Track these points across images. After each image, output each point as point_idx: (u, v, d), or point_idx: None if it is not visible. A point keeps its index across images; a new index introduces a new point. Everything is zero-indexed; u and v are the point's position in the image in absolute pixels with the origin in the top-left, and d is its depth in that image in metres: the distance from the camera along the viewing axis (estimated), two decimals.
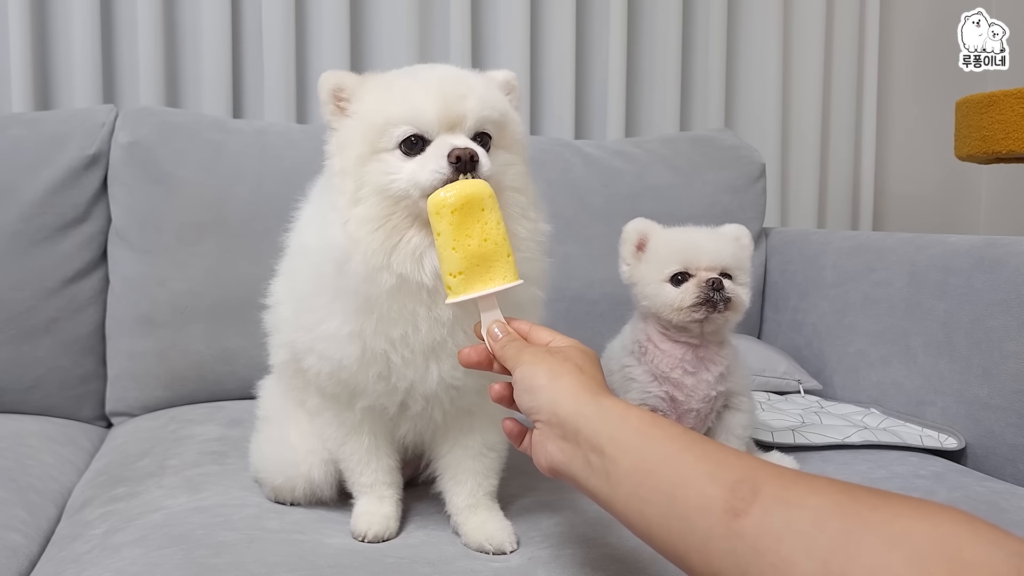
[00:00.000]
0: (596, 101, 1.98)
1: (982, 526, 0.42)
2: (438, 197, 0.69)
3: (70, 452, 1.20)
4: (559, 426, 0.62)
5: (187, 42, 1.72)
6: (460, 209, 0.69)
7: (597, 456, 0.58)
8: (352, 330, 0.76)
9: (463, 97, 0.74)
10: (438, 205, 0.69)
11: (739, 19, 2.08)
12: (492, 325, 0.71)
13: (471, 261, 0.69)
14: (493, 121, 0.76)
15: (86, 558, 0.78)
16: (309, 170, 0.86)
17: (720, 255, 0.95)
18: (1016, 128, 1.49)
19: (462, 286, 0.70)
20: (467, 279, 0.70)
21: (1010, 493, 0.98)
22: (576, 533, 0.83)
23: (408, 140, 0.73)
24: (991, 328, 1.14)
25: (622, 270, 1.00)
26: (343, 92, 0.78)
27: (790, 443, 1.11)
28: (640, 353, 0.99)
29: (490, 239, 0.70)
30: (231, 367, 1.36)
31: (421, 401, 0.79)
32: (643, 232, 0.99)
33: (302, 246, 0.83)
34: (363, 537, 0.81)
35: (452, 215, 0.69)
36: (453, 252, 0.69)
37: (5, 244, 1.30)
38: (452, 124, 0.74)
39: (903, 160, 2.31)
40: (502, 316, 0.71)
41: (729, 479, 0.50)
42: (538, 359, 0.66)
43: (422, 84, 0.75)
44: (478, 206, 0.69)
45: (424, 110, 0.73)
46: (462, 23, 1.79)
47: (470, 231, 0.69)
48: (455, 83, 0.76)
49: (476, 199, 0.69)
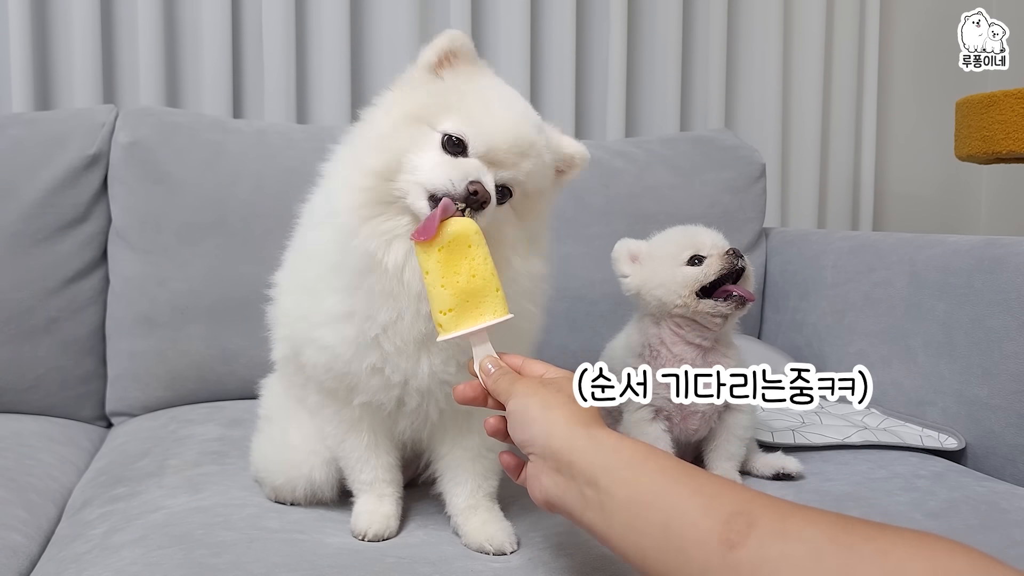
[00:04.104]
0: (596, 101, 1.98)
1: (979, 558, 0.42)
2: (422, 242, 0.69)
3: (70, 452, 1.20)
4: (553, 458, 0.61)
5: (187, 42, 1.72)
6: (447, 247, 0.69)
7: (592, 489, 0.58)
8: (345, 309, 0.76)
9: (523, 154, 0.74)
10: (425, 247, 0.69)
11: (739, 19, 2.08)
12: (484, 360, 0.71)
13: (460, 298, 0.70)
14: (525, 191, 0.76)
15: (86, 558, 0.78)
16: (309, 170, 0.85)
17: (720, 238, 0.97)
18: (1016, 128, 1.49)
19: (452, 323, 0.70)
20: (457, 316, 0.70)
21: (1010, 493, 0.98)
22: (576, 534, 0.82)
23: (453, 139, 0.73)
24: (991, 328, 1.14)
25: (624, 284, 0.99)
26: (455, 58, 0.77)
27: (790, 443, 1.11)
28: (649, 356, 0.98)
29: (478, 275, 0.70)
30: (231, 367, 1.36)
31: (416, 396, 0.79)
32: (632, 249, 0.99)
33: (312, 219, 0.83)
34: (363, 536, 0.81)
35: (439, 252, 0.69)
36: (442, 289, 0.69)
37: (5, 244, 1.30)
38: (493, 161, 0.73)
39: (903, 160, 2.31)
40: (494, 351, 0.71)
41: (724, 511, 0.51)
42: (531, 391, 0.65)
43: (508, 112, 0.75)
44: (464, 243, 0.69)
45: (488, 132, 0.72)
46: (462, 23, 1.79)
47: (458, 268, 0.69)
48: (529, 137, 0.75)
49: (463, 236, 0.69)
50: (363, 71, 1.81)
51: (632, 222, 1.51)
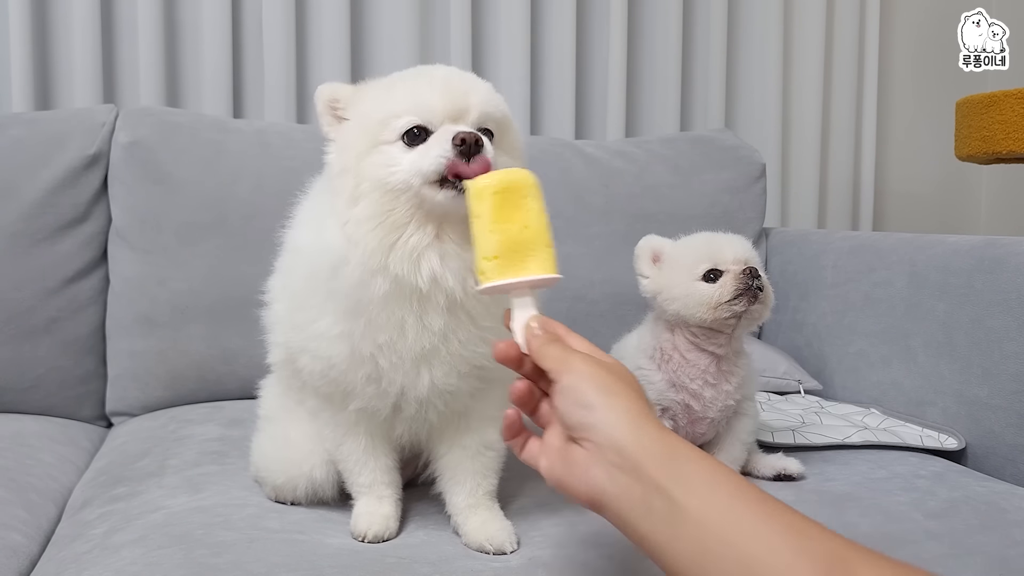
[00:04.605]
0: (596, 101, 1.98)
1: None
2: (480, 180, 0.67)
3: (70, 452, 1.20)
4: (616, 454, 0.55)
5: (187, 42, 1.72)
6: (502, 192, 0.66)
7: (661, 500, 0.53)
8: (342, 331, 0.76)
9: (467, 92, 0.75)
10: (480, 187, 0.66)
11: (739, 19, 2.08)
12: (531, 320, 0.64)
13: (508, 246, 0.65)
14: (496, 119, 0.77)
15: (86, 558, 0.78)
16: (309, 170, 0.86)
17: (743, 250, 0.96)
18: (1016, 128, 1.49)
19: (497, 271, 0.65)
20: (503, 264, 0.65)
21: (1010, 493, 0.98)
22: (576, 533, 0.82)
23: (411, 131, 0.73)
24: (991, 328, 1.14)
25: (642, 284, 0.99)
26: (338, 103, 0.78)
27: (790, 443, 1.11)
28: (662, 360, 0.98)
29: (531, 227, 0.66)
30: (231, 367, 1.36)
31: (414, 404, 0.79)
32: (655, 247, 0.99)
33: (297, 245, 0.83)
34: (363, 537, 0.80)
35: (493, 197, 0.66)
36: (490, 235, 0.65)
37: (5, 244, 1.30)
38: (456, 116, 0.74)
39: (903, 160, 2.31)
40: (536, 309, 0.65)
41: (822, 557, 0.47)
42: (591, 370, 0.59)
43: (426, 78, 0.76)
44: (521, 192, 0.66)
45: (429, 101, 0.73)
46: (462, 23, 1.79)
47: (510, 216, 0.65)
48: (459, 79, 0.77)
49: (520, 185, 0.67)
50: (363, 71, 1.81)
51: (632, 222, 1.51)
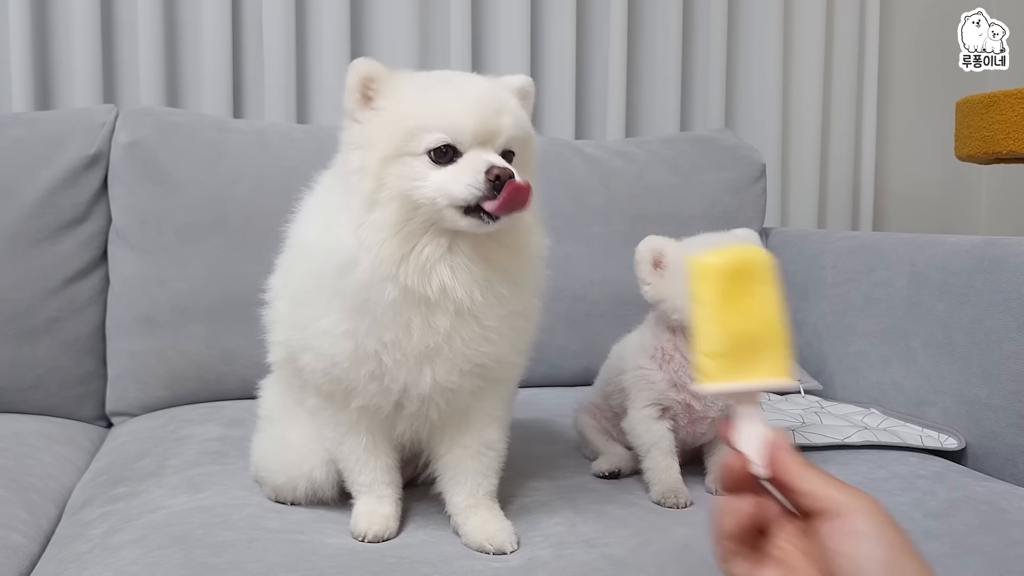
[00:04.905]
0: (596, 101, 1.98)
1: None
2: (705, 260, 0.57)
3: (70, 452, 1.20)
4: None
5: (187, 42, 1.72)
6: (732, 276, 0.56)
7: None
8: (346, 328, 0.76)
9: (499, 113, 0.74)
10: (705, 266, 0.57)
11: (739, 19, 2.08)
12: (777, 437, 0.55)
13: (736, 343, 0.56)
14: (520, 140, 0.77)
15: (86, 558, 0.78)
16: (309, 170, 0.85)
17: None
18: (1016, 128, 1.49)
19: (720, 373, 0.56)
20: (728, 365, 0.56)
21: (1010, 493, 0.98)
22: (576, 533, 0.82)
23: (439, 149, 0.73)
24: (991, 328, 1.14)
25: (644, 290, 0.97)
26: (373, 84, 0.76)
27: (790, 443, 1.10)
28: (663, 359, 0.97)
29: (764, 321, 0.56)
30: (231, 367, 1.36)
31: (416, 402, 0.79)
32: (657, 249, 0.96)
33: (303, 241, 0.82)
34: (363, 537, 0.81)
35: (721, 281, 0.56)
36: (715, 327, 0.56)
37: (5, 244, 1.30)
38: (485, 139, 0.74)
39: (903, 160, 2.31)
40: (765, 420, 0.56)
41: None
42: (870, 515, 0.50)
43: (461, 94, 0.75)
44: (754, 276, 0.57)
45: (462, 122, 0.73)
46: (462, 23, 1.79)
47: (740, 305, 0.56)
48: (493, 99, 0.76)
49: (753, 267, 0.57)
50: None
51: (632, 222, 1.51)
